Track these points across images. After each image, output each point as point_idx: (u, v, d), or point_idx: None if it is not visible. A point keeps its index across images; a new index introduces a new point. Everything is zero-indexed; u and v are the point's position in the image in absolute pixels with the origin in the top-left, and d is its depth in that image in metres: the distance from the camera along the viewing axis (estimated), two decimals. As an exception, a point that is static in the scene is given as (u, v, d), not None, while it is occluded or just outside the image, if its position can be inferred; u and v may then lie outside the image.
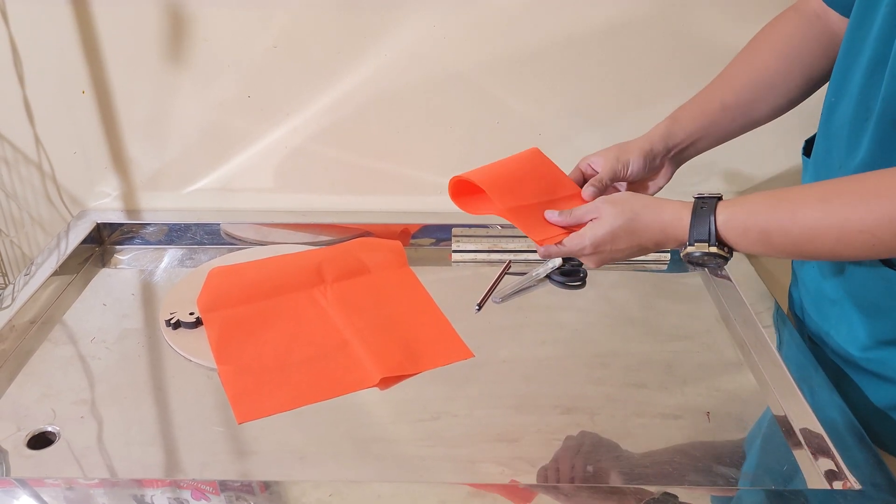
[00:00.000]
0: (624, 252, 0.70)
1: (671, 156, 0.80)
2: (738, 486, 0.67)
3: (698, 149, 0.81)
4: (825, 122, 0.72)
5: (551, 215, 0.73)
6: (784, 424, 0.73)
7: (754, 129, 0.83)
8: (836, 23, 0.74)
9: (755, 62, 0.78)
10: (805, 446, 0.69)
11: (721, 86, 0.79)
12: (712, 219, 0.64)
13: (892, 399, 0.72)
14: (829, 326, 0.76)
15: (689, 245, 0.65)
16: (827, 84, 0.73)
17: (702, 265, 0.66)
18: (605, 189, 0.77)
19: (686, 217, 0.65)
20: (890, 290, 0.67)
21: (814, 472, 0.67)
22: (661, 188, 0.82)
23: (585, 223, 0.71)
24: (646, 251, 0.70)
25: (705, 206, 0.65)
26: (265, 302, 0.89)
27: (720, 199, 0.65)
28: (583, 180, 0.80)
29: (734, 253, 0.65)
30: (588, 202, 0.75)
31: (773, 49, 0.77)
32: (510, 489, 0.65)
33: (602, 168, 0.78)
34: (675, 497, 0.62)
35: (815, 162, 0.74)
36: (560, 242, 0.71)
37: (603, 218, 0.69)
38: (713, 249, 0.64)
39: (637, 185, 0.81)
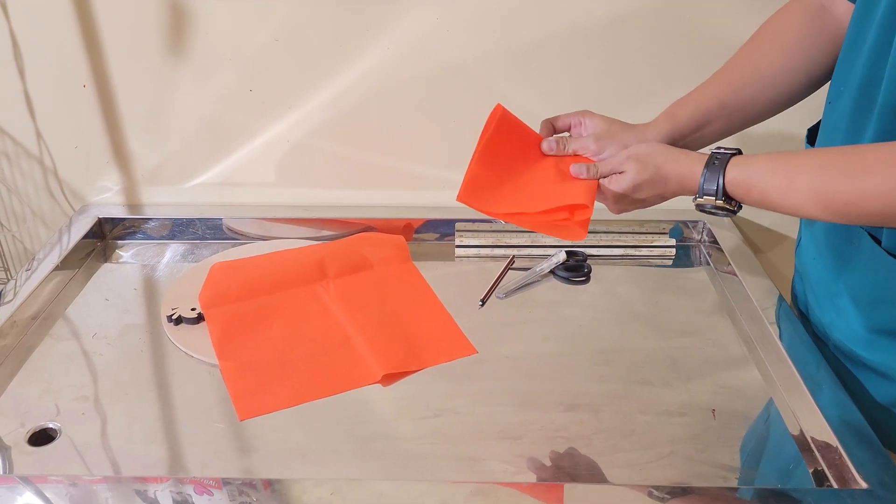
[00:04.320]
0: (645, 201, 0.73)
1: None
2: (744, 485, 0.66)
3: (689, 149, 0.77)
4: (828, 112, 0.72)
5: (578, 169, 0.74)
6: (790, 422, 0.73)
7: (762, 122, 0.81)
8: (842, 13, 0.72)
9: (757, 58, 0.77)
10: (811, 444, 0.69)
11: (721, 83, 0.78)
12: (722, 174, 0.66)
13: (893, 396, 0.71)
14: (829, 320, 0.76)
15: (700, 197, 0.68)
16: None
17: (712, 214, 0.69)
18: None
19: (699, 170, 0.68)
20: (891, 280, 0.67)
21: (820, 471, 0.66)
22: None
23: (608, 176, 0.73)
24: (665, 199, 0.73)
25: (718, 161, 0.67)
26: (267, 297, 0.89)
27: (735, 153, 0.68)
28: (553, 131, 0.80)
29: (742, 206, 0.68)
30: (601, 157, 0.76)
31: (776, 44, 0.76)
32: (514, 487, 0.64)
33: (603, 157, 0.77)
34: (700, 489, 0.62)
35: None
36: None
37: (627, 174, 0.71)
38: (720, 203, 0.67)
39: None
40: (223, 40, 0.98)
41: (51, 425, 0.72)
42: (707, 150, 0.72)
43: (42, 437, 0.70)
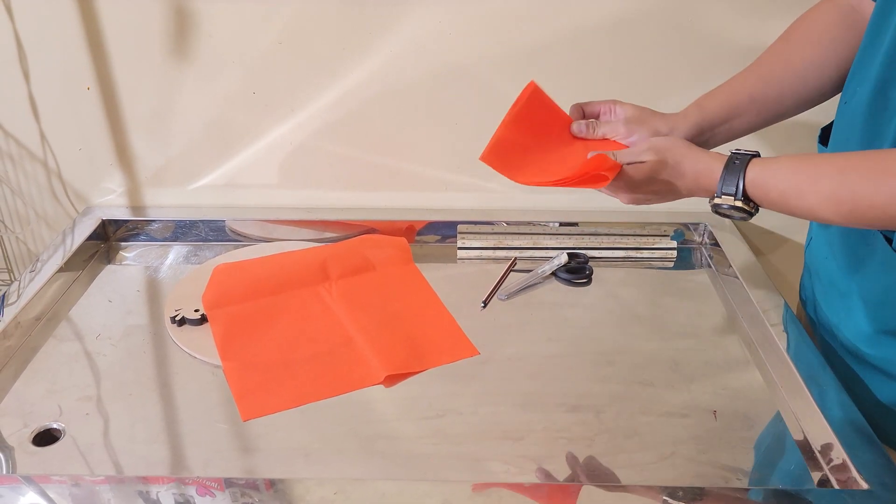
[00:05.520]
0: (658, 194, 0.72)
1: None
2: (745, 485, 0.66)
3: (717, 142, 0.80)
4: (842, 112, 0.72)
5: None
6: (791, 423, 0.73)
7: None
8: (870, 15, 0.73)
9: (788, 53, 0.78)
10: (812, 445, 0.69)
11: (751, 76, 0.78)
12: (742, 175, 0.66)
13: (898, 396, 0.71)
14: (838, 319, 0.76)
15: (717, 197, 0.68)
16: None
17: (728, 216, 0.69)
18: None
19: (718, 170, 0.67)
20: None
21: (821, 472, 0.66)
22: None
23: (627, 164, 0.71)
24: (678, 196, 0.72)
25: (738, 161, 0.67)
26: (270, 299, 0.89)
27: (754, 156, 0.67)
28: (583, 116, 0.81)
29: (758, 209, 0.68)
30: (623, 143, 0.77)
31: (808, 41, 0.77)
32: (516, 487, 0.64)
33: (632, 140, 0.77)
34: (702, 489, 0.62)
35: (832, 151, 0.74)
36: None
37: (646, 164, 0.70)
38: (738, 203, 0.66)
39: None
40: (226, 42, 0.98)
41: (54, 425, 0.72)
42: (725, 150, 0.72)
43: (46, 438, 0.71)
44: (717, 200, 0.68)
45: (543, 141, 0.78)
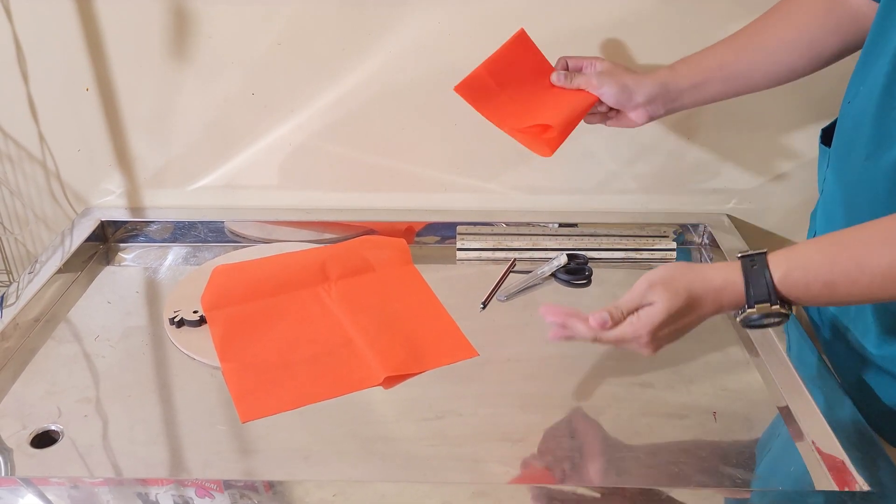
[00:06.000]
0: (683, 329, 0.65)
1: (662, 106, 0.82)
2: (746, 487, 0.66)
3: (684, 105, 0.82)
4: (846, 112, 0.72)
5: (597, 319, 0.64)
6: (791, 425, 0.73)
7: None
8: (857, 7, 0.74)
9: (763, 29, 0.80)
10: (813, 447, 0.69)
11: (724, 46, 0.81)
12: (768, 276, 0.60)
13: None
14: (847, 320, 0.76)
15: (749, 307, 0.61)
16: (848, 76, 0.73)
17: (760, 327, 0.62)
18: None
19: (738, 279, 0.61)
20: None
21: (822, 474, 0.66)
22: (633, 126, 0.85)
23: (636, 308, 0.64)
24: (703, 320, 0.65)
25: (756, 263, 0.61)
26: (269, 300, 0.89)
27: (766, 253, 0.61)
28: (566, 67, 0.87)
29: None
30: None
31: (786, 19, 0.78)
32: (516, 489, 0.64)
33: (607, 94, 0.82)
34: (702, 491, 0.62)
35: (836, 152, 0.74)
36: (613, 329, 0.64)
37: (657, 304, 0.63)
38: (776, 308, 0.60)
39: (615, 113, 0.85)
40: (226, 43, 0.98)
41: (53, 427, 0.72)
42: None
43: (44, 439, 0.71)
44: (748, 312, 0.61)
45: (520, 84, 0.84)
